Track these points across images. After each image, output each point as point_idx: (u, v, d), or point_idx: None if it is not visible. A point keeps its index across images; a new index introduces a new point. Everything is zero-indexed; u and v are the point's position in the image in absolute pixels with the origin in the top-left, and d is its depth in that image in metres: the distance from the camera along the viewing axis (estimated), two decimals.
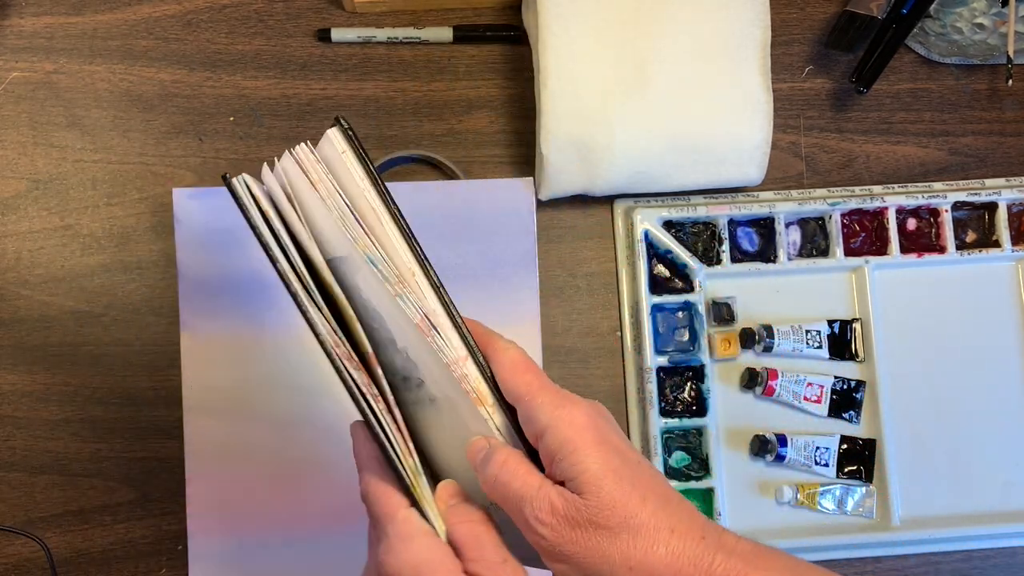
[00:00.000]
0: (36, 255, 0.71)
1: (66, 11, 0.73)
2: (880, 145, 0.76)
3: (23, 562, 0.69)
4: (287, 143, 0.72)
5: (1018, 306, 0.74)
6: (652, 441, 0.69)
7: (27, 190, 0.71)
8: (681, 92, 0.68)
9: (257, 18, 0.74)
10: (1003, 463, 0.72)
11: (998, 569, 0.72)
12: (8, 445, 0.69)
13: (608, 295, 0.73)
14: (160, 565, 0.69)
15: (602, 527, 0.43)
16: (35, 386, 0.70)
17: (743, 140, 0.69)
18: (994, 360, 0.73)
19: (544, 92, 0.67)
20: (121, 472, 0.70)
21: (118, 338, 0.70)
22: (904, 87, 0.76)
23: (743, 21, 0.69)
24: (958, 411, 0.73)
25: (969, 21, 0.73)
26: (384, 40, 0.74)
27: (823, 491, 0.71)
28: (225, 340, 0.68)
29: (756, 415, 0.72)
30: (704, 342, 0.71)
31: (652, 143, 0.68)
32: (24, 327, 0.70)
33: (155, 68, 0.73)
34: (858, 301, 0.73)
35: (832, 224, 0.73)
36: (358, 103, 0.73)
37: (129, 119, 0.72)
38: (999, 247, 0.73)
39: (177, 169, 0.72)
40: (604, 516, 0.43)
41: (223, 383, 0.68)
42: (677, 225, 0.72)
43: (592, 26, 0.67)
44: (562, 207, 0.73)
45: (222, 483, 0.68)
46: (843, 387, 0.72)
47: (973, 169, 0.76)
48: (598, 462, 0.44)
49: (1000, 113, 0.77)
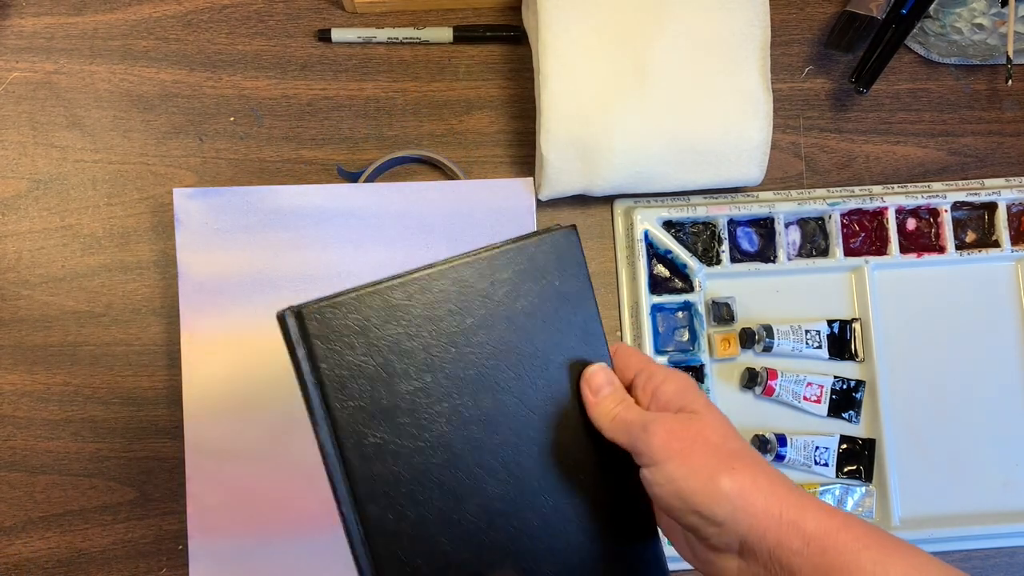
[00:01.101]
0: (37, 255, 0.71)
1: (66, 11, 0.73)
2: (880, 145, 0.76)
3: (23, 562, 0.69)
4: (287, 143, 0.73)
5: (1017, 306, 0.74)
6: None
7: (28, 190, 0.71)
8: (681, 92, 0.68)
9: (257, 18, 0.74)
10: (1003, 463, 0.72)
11: (998, 569, 0.72)
12: (8, 445, 0.70)
13: (608, 295, 0.73)
14: (160, 565, 0.69)
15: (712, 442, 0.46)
16: (35, 386, 0.70)
17: (743, 140, 0.69)
18: (994, 360, 0.73)
19: (544, 92, 0.67)
20: (121, 472, 0.70)
21: (118, 338, 0.71)
22: (904, 87, 0.76)
23: (743, 21, 0.69)
24: (958, 411, 0.73)
25: (969, 21, 0.73)
26: (384, 40, 0.74)
27: (823, 491, 0.71)
28: (225, 340, 0.68)
29: (756, 415, 0.72)
30: (704, 342, 0.71)
31: (652, 143, 0.68)
32: (24, 327, 0.70)
33: (155, 68, 0.73)
34: (858, 301, 0.73)
35: (832, 224, 0.73)
36: (358, 103, 0.73)
37: (129, 119, 0.72)
38: (999, 247, 0.74)
39: (177, 169, 0.72)
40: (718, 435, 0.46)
41: (223, 383, 0.68)
42: (677, 225, 0.72)
43: (592, 26, 0.67)
44: (562, 207, 0.73)
45: (222, 483, 0.68)
46: (843, 387, 0.72)
47: (973, 169, 0.76)
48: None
49: (1000, 113, 0.77)
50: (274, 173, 0.72)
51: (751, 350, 0.72)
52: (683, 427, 0.45)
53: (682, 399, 0.47)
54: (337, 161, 0.73)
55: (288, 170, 0.73)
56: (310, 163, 0.73)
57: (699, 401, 0.47)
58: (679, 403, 0.47)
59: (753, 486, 0.44)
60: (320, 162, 0.73)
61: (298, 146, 0.73)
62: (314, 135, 0.73)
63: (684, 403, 0.47)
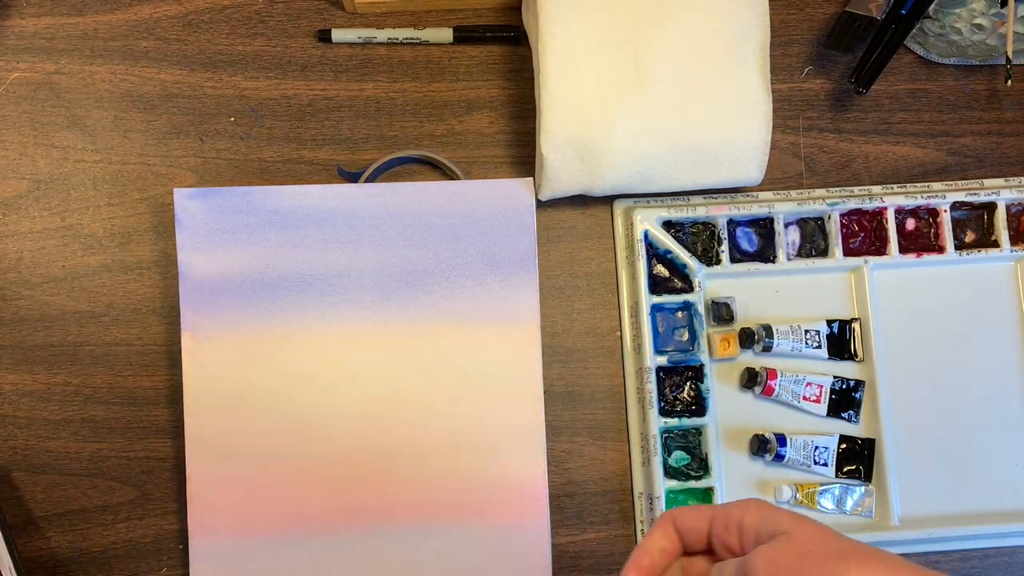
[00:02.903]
0: (37, 255, 0.71)
1: (67, 12, 0.73)
2: (879, 145, 0.76)
3: (23, 561, 0.69)
4: (287, 143, 0.73)
5: (1017, 306, 0.74)
6: (651, 441, 0.69)
7: (28, 190, 0.71)
8: (681, 93, 0.68)
9: (258, 19, 0.74)
10: (1002, 463, 0.72)
11: (997, 568, 0.72)
12: (8, 445, 0.70)
13: (608, 295, 0.73)
14: (160, 565, 0.69)
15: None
16: (35, 386, 0.70)
17: (743, 140, 0.69)
18: (993, 360, 0.73)
19: (544, 93, 0.67)
20: (121, 472, 0.70)
21: (119, 338, 0.71)
22: (903, 88, 0.76)
23: (743, 22, 0.69)
24: (957, 410, 0.73)
25: (968, 22, 0.73)
26: (384, 41, 0.74)
27: (822, 491, 0.71)
28: (226, 340, 0.68)
29: (755, 415, 0.72)
30: (703, 342, 0.71)
31: (652, 143, 0.68)
32: (25, 327, 0.70)
33: (156, 68, 0.73)
34: (857, 301, 0.73)
35: (831, 224, 0.73)
36: (358, 103, 0.73)
37: (130, 119, 0.72)
38: (998, 247, 0.74)
39: (178, 169, 0.72)
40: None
41: (224, 383, 0.68)
42: (676, 225, 0.73)
43: (592, 27, 0.67)
44: (562, 207, 0.73)
45: (222, 483, 0.68)
46: (842, 387, 0.72)
47: (972, 169, 0.76)
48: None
49: (999, 113, 0.77)
50: (274, 173, 0.73)
51: (751, 350, 0.72)
52: (781, 552, 0.43)
53: (769, 524, 0.45)
54: (337, 161, 0.73)
55: (288, 170, 0.73)
56: (310, 163, 0.73)
57: (785, 519, 0.45)
58: (768, 530, 0.45)
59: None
60: (320, 162, 0.73)
61: (298, 146, 0.73)
62: (314, 135, 0.73)
63: (772, 528, 0.45)
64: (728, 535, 0.46)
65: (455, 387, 0.69)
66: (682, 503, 0.70)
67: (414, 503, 0.68)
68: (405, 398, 0.69)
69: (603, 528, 0.71)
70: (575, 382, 0.72)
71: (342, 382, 0.69)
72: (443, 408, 0.69)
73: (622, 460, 0.72)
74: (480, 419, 0.69)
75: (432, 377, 0.69)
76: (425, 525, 0.68)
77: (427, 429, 0.69)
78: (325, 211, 0.69)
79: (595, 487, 0.71)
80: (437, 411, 0.69)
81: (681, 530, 0.48)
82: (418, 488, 0.68)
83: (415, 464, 0.68)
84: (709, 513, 0.47)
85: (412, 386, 0.69)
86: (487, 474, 0.69)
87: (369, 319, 0.69)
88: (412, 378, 0.69)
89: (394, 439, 0.69)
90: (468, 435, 0.69)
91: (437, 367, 0.69)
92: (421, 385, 0.69)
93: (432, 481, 0.68)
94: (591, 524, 0.71)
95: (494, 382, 0.69)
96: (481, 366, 0.69)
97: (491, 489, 0.69)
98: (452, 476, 0.69)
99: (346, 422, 0.69)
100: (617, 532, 0.71)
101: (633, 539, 0.71)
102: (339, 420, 0.68)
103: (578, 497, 0.71)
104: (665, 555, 0.48)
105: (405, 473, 0.68)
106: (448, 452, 0.69)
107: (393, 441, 0.68)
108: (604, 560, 0.71)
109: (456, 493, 0.68)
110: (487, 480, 0.69)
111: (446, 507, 0.68)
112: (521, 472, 0.69)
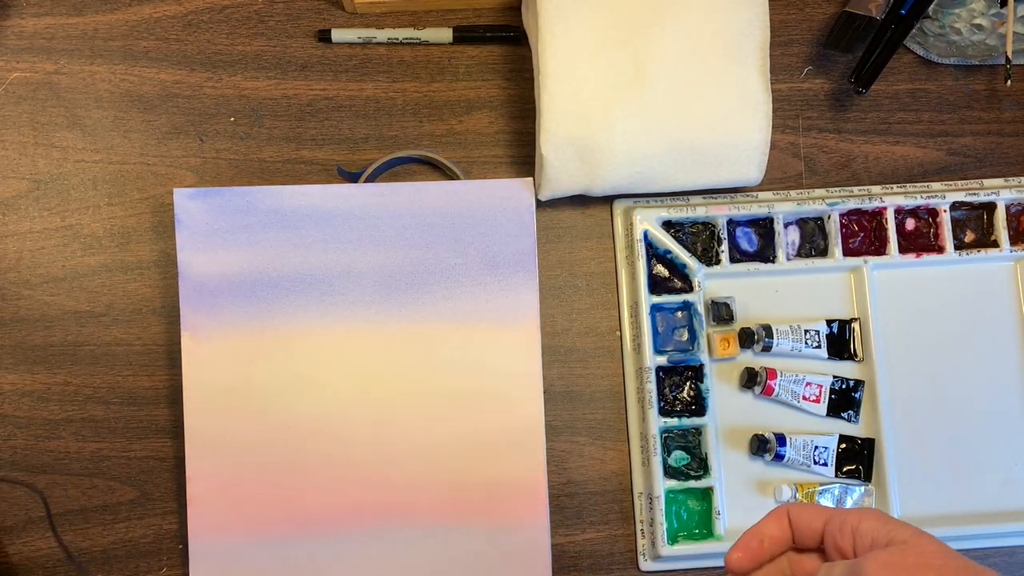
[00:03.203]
0: (37, 255, 0.71)
1: (67, 12, 0.73)
2: (879, 145, 0.76)
3: (24, 561, 0.69)
4: (287, 143, 0.73)
5: (1016, 306, 0.74)
6: (651, 440, 0.69)
7: (28, 190, 0.72)
8: (681, 93, 0.68)
9: (257, 19, 0.74)
10: (1002, 462, 0.72)
11: (996, 568, 0.72)
12: (8, 445, 0.70)
13: (607, 295, 0.73)
14: (160, 565, 0.70)
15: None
16: (35, 386, 0.70)
17: (742, 140, 0.69)
18: (993, 360, 0.73)
19: (544, 93, 0.67)
20: (121, 472, 0.70)
21: (119, 338, 0.71)
22: (903, 88, 0.76)
23: (743, 21, 0.69)
24: (957, 410, 0.73)
25: (968, 22, 0.73)
26: (384, 41, 0.74)
27: (822, 490, 0.71)
28: (226, 340, 0.68)
29: (755, 415, 0.72)
30: (703, 342, 0.71)
31: (652, 143, 0.68)
32: (25, 327, 0.70)
33: (156, 68, 0.73)
34: (857, 301, 0.73)
35: (831, 224, 0.73)
36: (358, 103, 0.73)
37: (130, 119, 0.72)
38: (998, 247, 0.74)
39: (178, 169, 0.72)
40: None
41: (224, 383, 0.68)
42: (676, 225, 0.73)
43: (592, 26, 0.67)
44: (562, 207, 0.73)
45: (223, 483, 0.68)
46: (842, 387, 0.72)
47: (972, 169, 0.76)
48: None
49: (999, 113, 0.77)
50: (274, 173, 0.73)
51: (750, 350, 0.72)
52: (900, 559, 0.43)
53: (886, 532, 0.45)
54: (337, 161, 0.73)
55: (288, 170, 0.73)
56: (310, 163, 0.73)
57: (905, 530, 0.44)
58: (885, 537, 0.44)
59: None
60: (320, 162, 0.73)
61: (298, 146, 0.73)
62: (314, 135, 0.73)
63: (890, 536, 0.44)
64: (842, 537, 0.46)
65: (455, 387, 0.69)
66: (682, 503, 0.70)
67: (414, 503, 0.68)
68: (405, 398, 0.69)
69: (603, 528, 0.71)
70: (575, 382, 0.72)
71: (342, 382, 0.69)
72: (443, 408, 0.69)
73: (622, 460, 0.72)
74: (480, 419, 0.69)
75: (432, 377, 0.69)
76: (425, 525, 0.68)
77: (427, 429, 0.69)
78: (325, 211, 0.69)
79: (595, 487, 0.71)
80: (437, 411, 0.69)
81: (794, 524, 0.48)
82: (418, 488, 0.68)
83: (415, 464, 0.69)
84: (826, 513, 0.47)
85: (412, 386, 0.69)
86: (487, 474, 0.69)
87: (369, 319, 0.69)
88: (412, 378, 0.69)
89: (394, 439, 0.69)
90: (468, 435, 0.69)
91: (437, 367, 0.69)
92: (421, 385, 0.69)
93: (432, 481, 0.68)
94: (591, 524, 0.71)
95: (494, 382, 0.69)
96: (481, 366, 0.69)
97: (491, 489, 0.69)
98: (452, 476, 0.69)
99: (346, 422, 0.69)
100: (617, 532, 0.71)
101: (633, 539, 0.71)
102: (339, 420, 0.68)
103: (578, 497, 0.71)
104: (774, 543, 0.48)
105: (405, 473, 0.68)
106: (448, 452, 0.69)
107: (393, 441, 0.69)
108: (604, 560, 0.71)
109: (456, 493, 0.68)
110: (487, 480, 0.69)
111: (446, 507, 0.68)
112: (521, 472, 0.69)
